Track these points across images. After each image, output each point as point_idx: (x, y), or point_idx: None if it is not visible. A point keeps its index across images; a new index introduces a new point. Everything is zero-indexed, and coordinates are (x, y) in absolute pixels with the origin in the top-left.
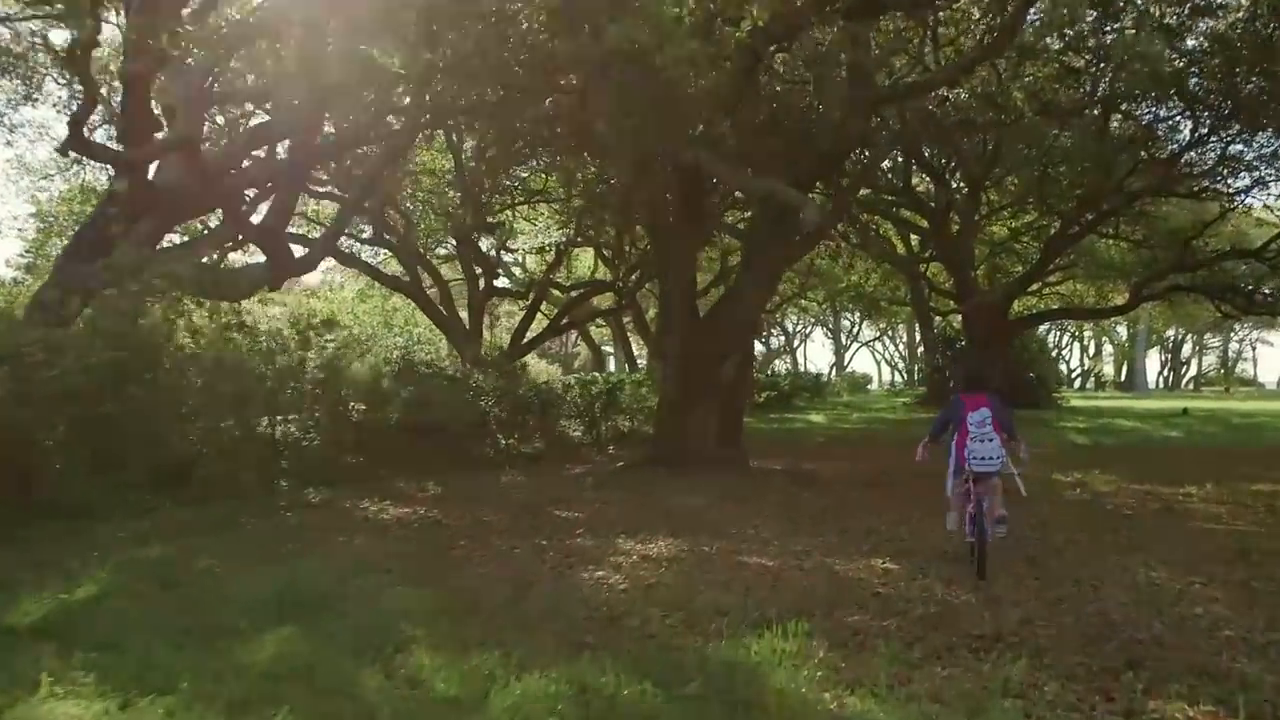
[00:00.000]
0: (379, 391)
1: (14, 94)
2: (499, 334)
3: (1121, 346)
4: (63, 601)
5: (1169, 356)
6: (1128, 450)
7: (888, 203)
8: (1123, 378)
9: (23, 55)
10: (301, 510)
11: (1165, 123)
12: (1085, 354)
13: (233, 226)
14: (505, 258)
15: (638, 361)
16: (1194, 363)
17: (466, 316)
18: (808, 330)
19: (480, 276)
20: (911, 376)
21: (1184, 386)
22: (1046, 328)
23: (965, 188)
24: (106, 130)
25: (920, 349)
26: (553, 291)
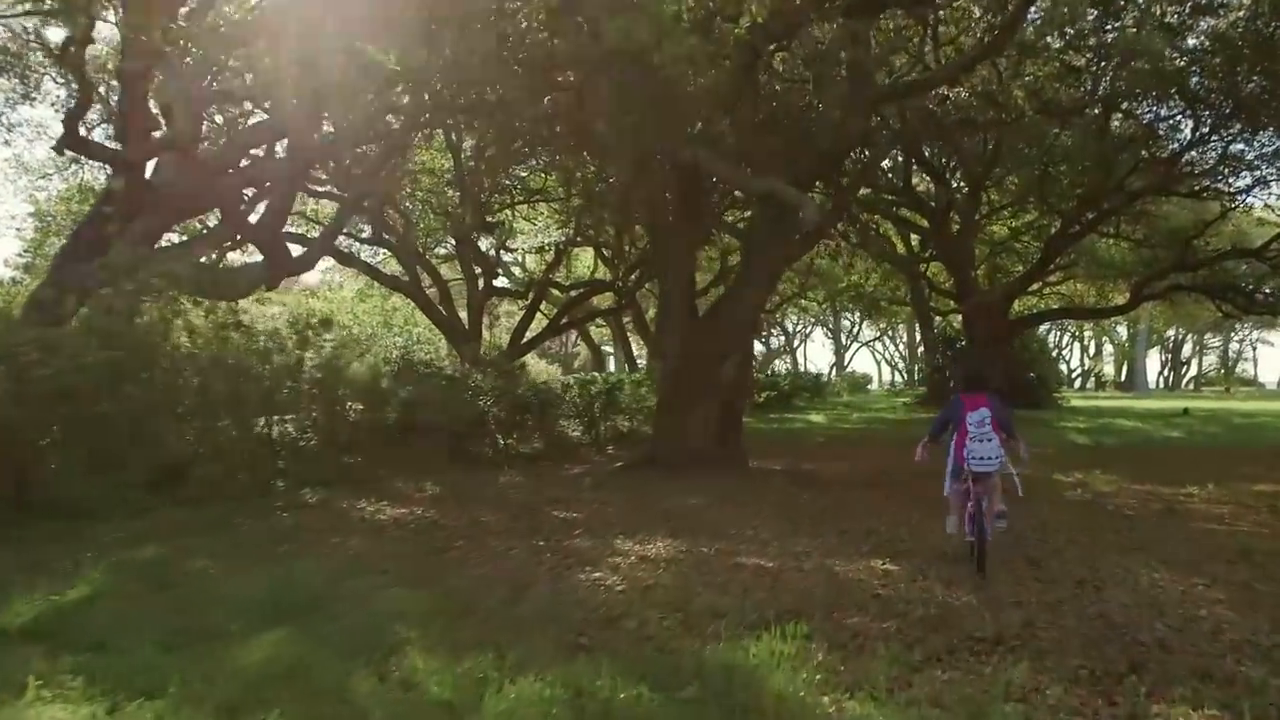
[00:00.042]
0: (377, 391)
1: (11, 93)
2: (498, 334)
3: (1122, 346)
4: (54, 603)
5: (1169, 356)
6: (1129, 450)
7: (888, 202)
8: (1123, 378)
9: (19, 54)
10: (298, 511)
11: (1166, 122)
12: (1085, 354)
13: (230, 226)
14: (505, 257)
15: (638, 361)
16: (1194, 363)
17: (466, 316)
18: (808, 330)
19: (479, 276)
20: (911, 376)
21: (1184, 386)
22: (1047, 328)
23: (965, 187)
24: (105, 130)
25: (920, 349)
26: (552, 291)
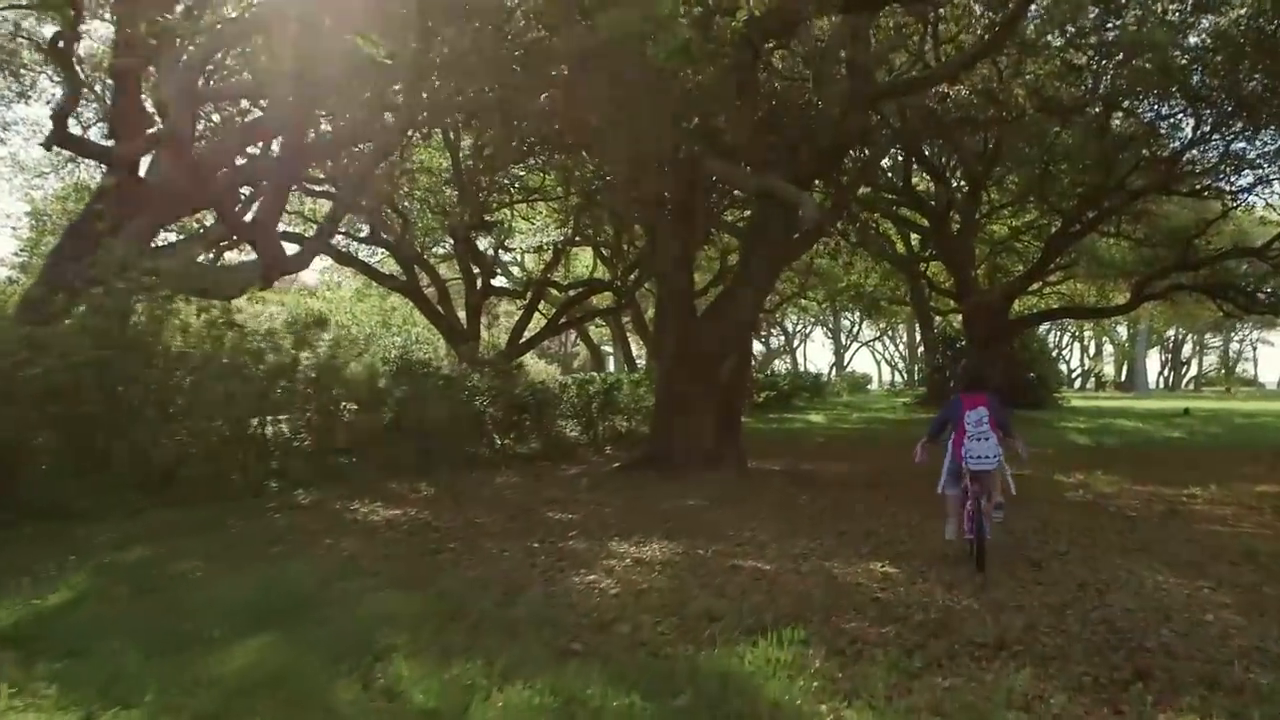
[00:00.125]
0: (373, 391)
1: (6, 91)
2: (497, 333)
3: (1122, 346)
4: (35, 607)
5: (1169, 356)
6: (1130, 451)
7: (887, 201)
8: (1123, 378)
9: (14, 51)
10: (290, 512)
11: (1167, 120)
12: (1085, 354)
13: (224, 224)
14: (503, 257)
15: (637, 361)
16: (1194, 363)
17: (464, 316)
18: (808, 330)
19: (478, 275)
20: (911, 376)
21: (1184, 386)
22: (1047, 327)
23: (966, 186)
24: (102, 129)
25: (920, 349)
26: (551, 291)
